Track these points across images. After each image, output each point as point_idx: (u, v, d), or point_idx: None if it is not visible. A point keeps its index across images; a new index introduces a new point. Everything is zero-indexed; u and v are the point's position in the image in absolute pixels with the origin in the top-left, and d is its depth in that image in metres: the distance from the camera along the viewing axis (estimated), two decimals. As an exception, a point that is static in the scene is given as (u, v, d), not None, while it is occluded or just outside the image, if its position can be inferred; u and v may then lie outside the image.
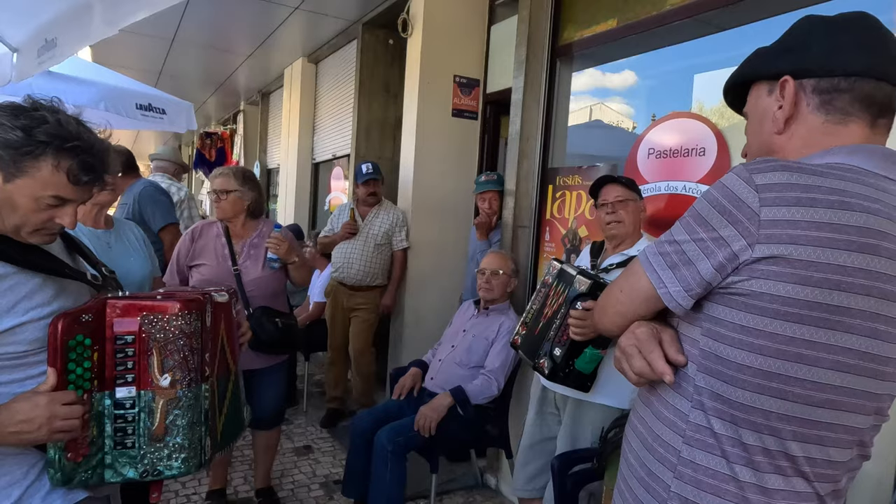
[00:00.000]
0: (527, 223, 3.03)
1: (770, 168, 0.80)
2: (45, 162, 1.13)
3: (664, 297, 0.88)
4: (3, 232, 1.16)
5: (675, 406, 0.90)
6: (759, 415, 0.81)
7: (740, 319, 0.81)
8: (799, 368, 0.78)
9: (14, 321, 1.11)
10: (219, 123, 9.90)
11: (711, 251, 0.82)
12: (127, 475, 1.21)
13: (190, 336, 1.25)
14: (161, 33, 5.34)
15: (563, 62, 2.98)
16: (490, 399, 2.59)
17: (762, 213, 0.77)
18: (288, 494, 2.96)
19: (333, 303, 3.95)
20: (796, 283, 0.76)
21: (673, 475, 0.90)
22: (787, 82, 0.90)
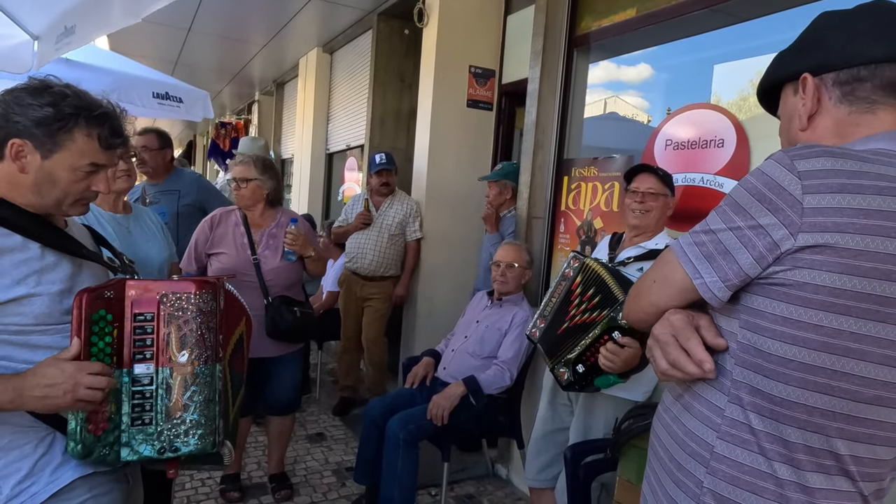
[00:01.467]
0: (541, 214, 3.02)
1: (813, 154, 0.77)
2: (79, 132, 1.18)
3: (700, 287, 0.85)
4: (42, 208, 1.21)
5: (710, 400, 0.87)
6: (802, 410, 0.78)
7: (782, 311, 0.77)
8: (846, 362, 0.75)
9: (22, 291, 1.13)
10: (233, 113, 9.94)
11: (750, 241, 0.79)
12: (144, 453, 1.22)
13: (207, 314, 1.28)
14: (177, 23, 5.36)
15: (580, 52, 2.96)
16: (502, 389, 2.60)
17: (805, 200, 0.74)
18: (301, 480, 2.99)
19: (347, 292, 3.97)
20: (843, 272, 0.73)
21: (706, 471, 0.87)
22: (806, 80, 0.89)
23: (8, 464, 1.14)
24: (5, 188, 1.18)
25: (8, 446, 1.14)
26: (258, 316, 2.50)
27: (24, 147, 1.16)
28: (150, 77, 4.30)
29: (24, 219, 1.17)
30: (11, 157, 1.16)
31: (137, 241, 1.99)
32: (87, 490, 1.22)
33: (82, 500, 1.22)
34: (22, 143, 1.15)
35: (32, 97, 1.16)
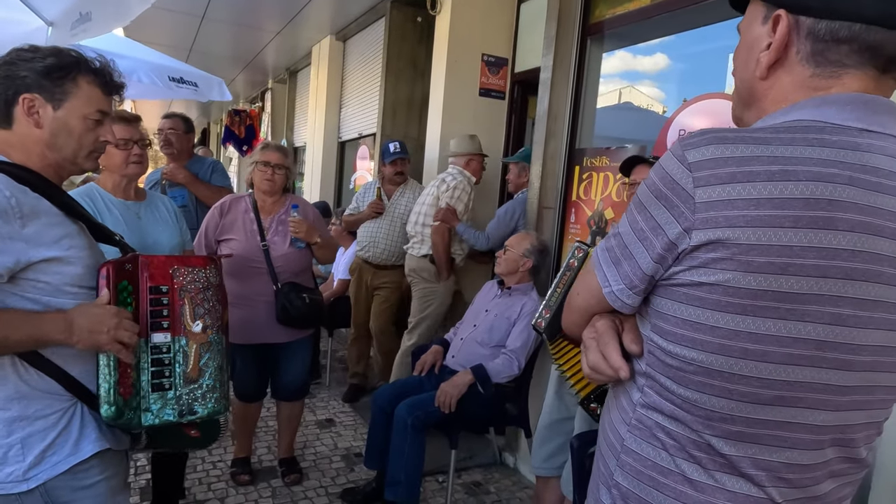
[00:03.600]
0: (552, 204, 3.01)
1: (703, 142, 0.70)
2: (83, 79, 1.23)
3: (609, 297, 0.81)
4: (57, 167, 1.24)
5: (628, 394, 0.85)
6: (701, 413, 0.75)
7: (682, 313, 0.73)
8: (744, 365, 0.70)
9: (58, 252, 1.16)
10: (247, 101, 9.98)
11: (650, 241, 0.74)
12: (165, 417, 1.30)
13: (216, 287, 1.37)
14: (192, 10, 5.38)
15: (593, 41, 2.93)
16: (510, 378, 2.61)
17: (696, 194, 0.69)
18: (310, 465, 3.03)
19: (358, 280, 3.99)
20: (737, 269, 0.67)
21: (616, 462, 0.86)
22: (780, 18, 0.75)
23: (34, 432, 1.17)
24: (21, 154, 1.20)
25: (35, 415, 1.17)
26: (268, 302, 2.52)
27: (35, 101, 1.18)
28: (165, 63, 4.32)
29: (45, 184, 1.20)
30: (25, 113, 1.18)
31: (147, 227, 2.01)
32: (100, 471, 1.26)
33: (96, 480, 1.25)
34: (32, 97, 1.18)
35: (31, 53, 1.20)
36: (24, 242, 1.11)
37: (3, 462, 1.14)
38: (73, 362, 1.20)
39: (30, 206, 1.13)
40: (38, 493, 1.17)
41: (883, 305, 0.69)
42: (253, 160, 2.59)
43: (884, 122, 0.72)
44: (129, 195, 2.02)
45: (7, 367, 1.15)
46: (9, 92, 1.18)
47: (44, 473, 1.17)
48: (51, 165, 1.23)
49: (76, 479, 1.22)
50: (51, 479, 1.18)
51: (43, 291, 1.16)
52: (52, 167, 1.23)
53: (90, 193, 1.94)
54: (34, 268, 1.13)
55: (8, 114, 1.19)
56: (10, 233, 1.09)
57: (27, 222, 1.11)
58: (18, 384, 1.15)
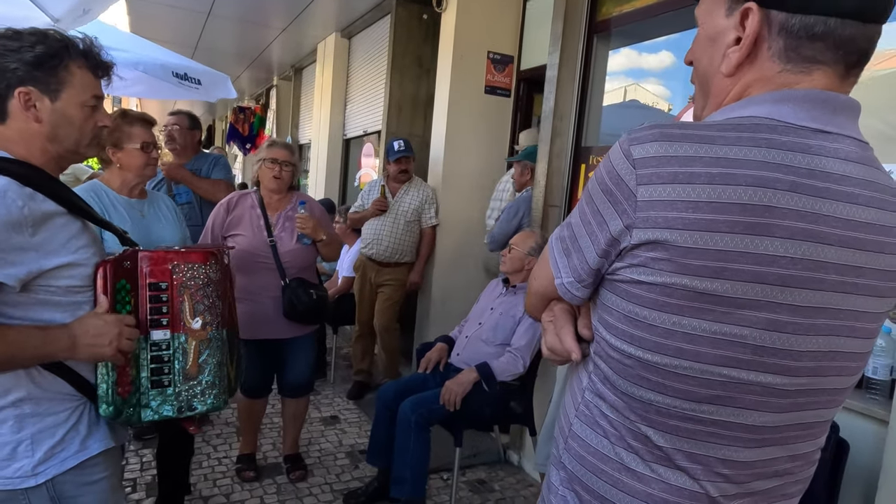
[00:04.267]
0: (558, 202, 3.00)
1: (649, 138, 0.69)
2: (74, 65, 1.19)
3: (559, 289, 0.82)
4: (58, 158, 1.22)
5: (579, 379, 0.86)
6: (639, 405, 0.75)
7: (622, 308, 0.73)
8: (679, 363, 0.70)
9: (69, 258, 1.16)
10: (251, 98, 9.99)
11: (595, 235, 0.74)
12: (164, 413, 1.30)
13: (216, 283, 1.35)
14: (197, 6, 5.38)
15: (600, 38, 2.92)
16: (515, 376, 2.60)
17: (639, 192, 0.68)
18: (315, 462, 3.04)
19: (362, 278, 4.00)
20: (674, 271, 0.67)
21: (564, 445, 0.87)
22: (750, 11, 0.70)
23: (44, 429, 1.17)
24: (22, 149, 1.16)
25: (46, 412, 1.18)
26: (275, 297, 2.53)
27: (30, 94, 1.14)
28: (170, 59, 4.31)
29: (50, 183, 1.18)
30: (23, 108, 1.14)
31: (150, 224, 2.03)
32: (104, 468, 1.27)
33: (100, 477, 1.26)
34: (28, 91, 1.14)
35: (15, 41, 1.14)
36: (36, 251, 1.10)
37: (12, 457, 1.14)
38: (82, 364, 1.21)
39: (40, 212, 1.11)
40: (45, 489, 1.17)
41: (825, 312, 0.68)
42: (260, 157, 2.59)
43: (841, 123, 0.70)
44: (133, 194, 2.04)
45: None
46: (1, 86, 1.13)
47: (52, 469, 1.17)
48: (53, 158, 1.21)
49: (83, 475, 1.22)
50: (58, 475, 1.18)
51: (55, 293, 1.15)
52: (54, 160, 1.21)
53: (95, 190, 1.95)
54: (46, 274, 1.13)
55: (2, 108, 1.14)
56: (21, 244, 1.07)
57: (38, 230, 1.10)
58: (30, 385, 1.16)
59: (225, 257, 1.44)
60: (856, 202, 0.68)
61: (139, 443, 3.02)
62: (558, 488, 0.88)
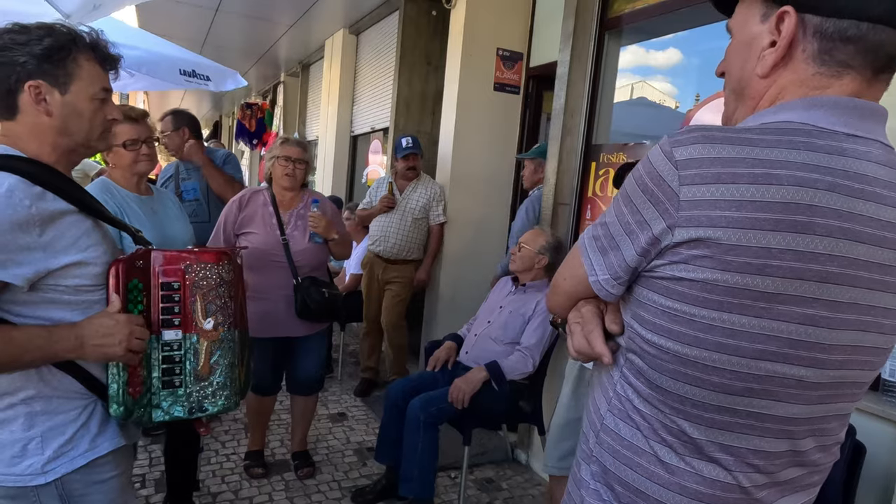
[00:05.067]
0: (568, 200, 2.98)
1: (691, 140, 0.72)
2: (82, 57, 1.17)
3: (594, 286, 0.84)
4: (68, 152, 1.20)
5: (611, 374, 0.88)
6: (675, 399, 0.78)
7: (661, 303, 0.76)
8: (718, 357, 0.73)
9: (77, 257, 1.15)
10: (259, 95, 9.99)
11: (635, 234, 0.76)
12: (175, 413, 1.29)
13: (228, 283, 1.34)
14: (205, 3, 5.38)
15: (611, 35, 2.90)
16: (525, 376, 2.59)
17: (681, 192, 0.70)
18: (322, 459, 3.04)
19: (369, 275, 3.99)
20: (716, 268, 0.69)
21: (596, 439, 0.89)
22: (787, 15, 0.74)
23: (54, 426, 1.17)
24: (33, 145, 1.15)
25: (56, 410, 1.17)
26: (287, 296, 2.53)
27: (40, 87, 1.13)
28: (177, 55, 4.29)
29: (61, 181, 1.16)
30: (33, 102, 1.13)
31: (163, 221, 2.03)
32: (114, 467, 1.27)
33: (110, 475, 1.26)
34: (38, 84, 1.12)
35: (23, 35, 1.12)
36: (43, 251, 1.09)
37: (22, 455, 1.14)
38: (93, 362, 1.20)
39: (48, 211, 1.10)
40: (54, 487, 1.16)
41: (856, 308, 0.71)
42: (273, 155, 2.58)
43: (870, 128, 0.73)
44: (140, 190, 2.04)
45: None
46: (10, 80, 1.11)
47: (62, 467, 1.17)
48: (64, 153, 1.19)
49: (92, 473, 1.22)
50: (68, 474, 1.18)
51: (64, 293, 1.15)
52: (64, 154, 1.20)
53: (107, 189, 1.95)
54: (54, 274, 1.12)
55: (12, 103, 1.13)
56: (28, 243, 1.06)
57: (45, 229, 1.09)
58: (40, 383, 1.15)
59: (238, 258, 1.44)
60: (885, 203, 0.71)
61: (148, 438, 3.03)
62: (589, 482, 0.90)
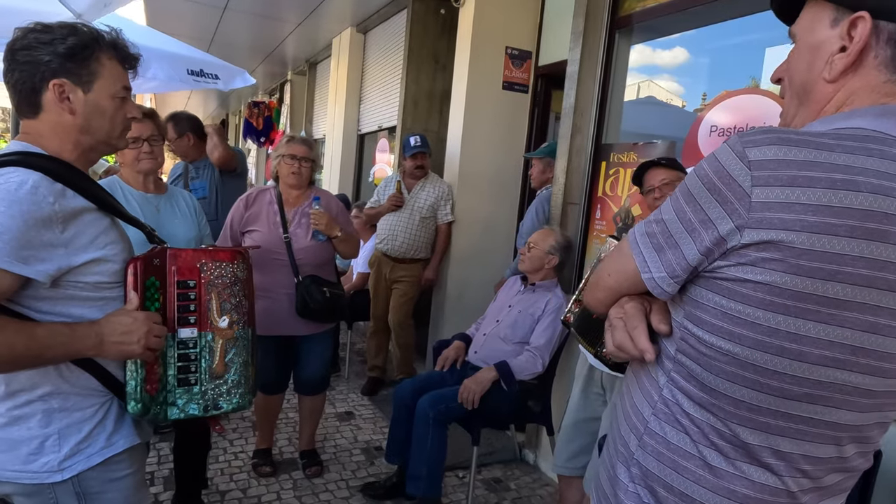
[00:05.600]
0: (577, 200, 2.97)
1: (766, 141, 0.70)
2: (104, 55, 1.19)
3: (648, 283, 0.82)
4: (93, 148, 1.22)
5: (653, 376, 0.87)
6: (729, 402, 0.77)
7: (723, 305, 0.74)
8: (779, 362, 0.72)
9: (97, 254, 1.15)
10: (266, 93, 10.00)
11: (698, 233, 0.74)
12: (190, 411, 1.30)
13: (243, 282, 1.36)
14: (214, 1, 5.38)
15: (622, 34, 2.88)
16: (534, 376, 2.58)
17: (754, 193, 0.69)
18: (330, 458, 3.04)
19: (377, 273, 3.99)
20: (786, 271, 0.68)
21: (638, 443, 0.88)
22: (862, 20, 0.73)
23: (71, 424, 1.17)
24: (55, 143, 1.16)
25: (73, 407, 1.18)
26: (289, 294, 2.52)
27: (64, 86, 1.14)
28: (186, 54, 4.30)
29: (80, 178, 1.17)
30: (57, 100, 1.14)
31: (164, 220, 2.04)
32: (129, 465, 1.27)
33: (125, 473, 1.26)
34: (62, 82, 1.13)
35: (47, 34, 1.13)
36: (65, 248, 1.09)
37: (39, 452, 1.15)
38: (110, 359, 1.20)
39: (70, 208, 1.11)
40: (71, 484, 1.17)
41: None
42: (279, 153, 2.58)
43: None
44: (148, 188, 2.04)
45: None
46: (35, 79, 1.13)
47: (78, 465, 1.17)
48: (84, 151, 1.20)
49: (108, 471, 1.22)
50: (84, 471, 1.18)
51: (83, 289, 1.15)
52: (85, 153, 1.21)
53: (111, 186, 1.97)
54: (75, 270, 1.12)
55: (35, 102, 1.15)
56: (51, 240, 1.07)
57: (67, 226, 1.10)
58: (58, 380, 1.16)
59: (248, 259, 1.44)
60: None
61: (157, 436, 3.04)
62: (628, 485, 0.89)
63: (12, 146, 1.16)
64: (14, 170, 1.06)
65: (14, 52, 1.13)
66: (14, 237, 1.02)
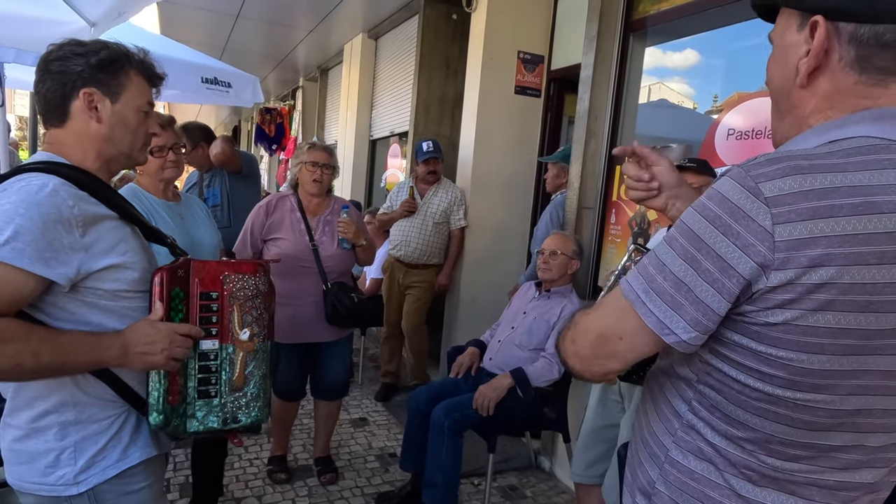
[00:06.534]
0: (592, 204, 2.95)
1: (779, 173, 0.66)
2: (132, 70, 1.23)
3: (679, 346, 0.74)
4: (115, 159, 1.24)
5: (673, 405, 0.84)
6: (757, 435, 0.74)
7: (752, 347, 0.71)
8: (812, 397, 0.69)
9: (116, 259, 1.16)
10: (278, 99, 10.05)
11: (721, 283, 0.69)
12: (209, 424, 1.29)
13: (264, 295, 1.36)
14: (227, 9, 5.43)
15: (636, 38, 2.86)
16: (550, 382, 2.56)
17: (776, 232, 0.65)
18: (345, 464, 3.03)
19: (390, 279, 3.98)
20: (817, 309, 0.65)
21: (659, 472, 0.85)
22: (817, 24, 0.72)
23: (87, 436, 1.17)
24: (77, 152, 1.18)
25: (89, 419, 1.18)
26: (316, 301, 2.53)
27: (94, 95, 1.17)
28: (199, 62, 4.33)
29: (102, 187, 1.19)
30: (85, 108, 1.17)
31: (190, 226, 2.05)
32: (145, 478, 1.27)
33: (141, 486, 1.26)
34: (91, 91, 1.17)
35: (81, 47, 1.18)
36: (85, 252, 1.10)
37: (55, 465, 1.14)
38: (126, 370, 1.20)
39: (90, 213, 1.12)
40: (87, 497, 1.17)
41: None
42: (300, 160, 2.58)
43: None
44: (168, 196, 2.05)
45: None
46: (66, 87, 1.16)
47: (94, 477, 1.17)
48: (106, 161, 1.22)
49: (124, 484, 1.22)
50: (100, 484, 1.18)
51: (102, 297, 1.15)
52: (106, 163, 1.23)
53: (136, 195, 1.96)
54: (94, 276, 1.12)
55: (64, 110, 1.17)
56: (71, 243, 1.07)
57: (87, 230, 1.11)
58: (74, 390, 1.15)
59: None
60: None
61: (172, 443, 3.04)
62: None
63: (38, 156, 1.18)
64: (35, 175, 1.08)
65: (48, 63, 1.17)
66: (35, 238, 1.02)
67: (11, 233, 1.00)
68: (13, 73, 3.72)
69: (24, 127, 15.22)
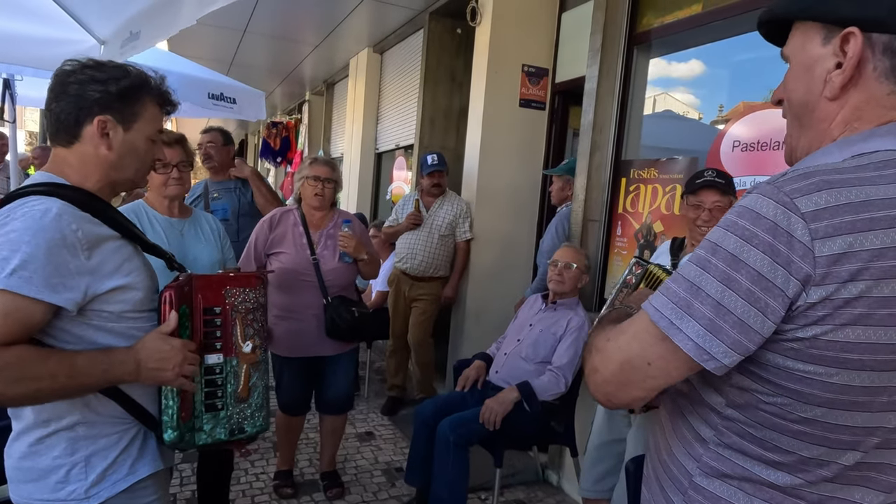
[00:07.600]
0: (597, 217, 2.95)
1: (813, 188, 0.65)
2: (149, 100, 1.23)
3: (719, 371, 0.71)
4: (118, 183, 1.24)
5: (697, 430, 0.81)
6: (794, 458, 0.72)
7: (788, 367, 0.69)
8: (850, 416, 0.68)
9: (122, 281, 1.16)
10: (284, 113, 10.13)
11: (765, 303, 0.66)
12: (217, 436, 1.31)
13: (264, 307, 1.38)
14: (234, 24, 5.49)
15: (640, 50, 2.87)
16: (557, 396, 2.55)
17: (816, 248, 0.64)
18: (351, 479, 3.01)
19: (396, 292, 3.98)
20: (857, 324, 0.64)
21: (683, 498, 0.83)
22: (852, 36, 0.70)
23: (97, 451, 1.18)
24: (78, 174, 1.18)
25: (98, 434, 1.18)
26: (317, 315, 2.53)
27: (107, 122, 1.17)
28: (207, 77, 4.38)
29: (104, 208, 1.19)
30: (97, 134, 1.16)
31: (188, 243, 2.06)
32: (154, 491, 1.27)
33: (150, 499, 1.26)
34: (106, 119, 1.16)
35: (101, 72, 1.17)
36: (91, 275, 1.10)
37: (66, 480, 1.15)
38: (135, 387, 1.21)
39: (94, 235, 1.12)
40: None
41: None
42: (302, 175, 2.59)
43: None
44: (173, 213, 2.06)
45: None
46: (81, 112, 1.16)
47: (104, 492, 1.17)
48: (108, 184, 1.22)
49: (133, 497, 1.22)
50: (110, 498, 1.18)
51: (108, 319, 1.16)
52: (109, 186, 1.23)
53: (136, 210, 1.99)
54: (100, 298, 1.13)
55: (75, 132, 1.17)
56: (77, 267, 1.08)
57: (92, 252, 1.11)
58: (84, 409, 1.16)
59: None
60: None
61: (178, 457, 3.04)
62: None
63: (37, 177, 1.18)
64: (38, 198, 1.08)
65: (66, 85, 1.16)
66: (42, 266, 1.03)
67: (19, 262, 1.01)
68: (24, 90, 3.77)
69: (33, 142, 15.38)
